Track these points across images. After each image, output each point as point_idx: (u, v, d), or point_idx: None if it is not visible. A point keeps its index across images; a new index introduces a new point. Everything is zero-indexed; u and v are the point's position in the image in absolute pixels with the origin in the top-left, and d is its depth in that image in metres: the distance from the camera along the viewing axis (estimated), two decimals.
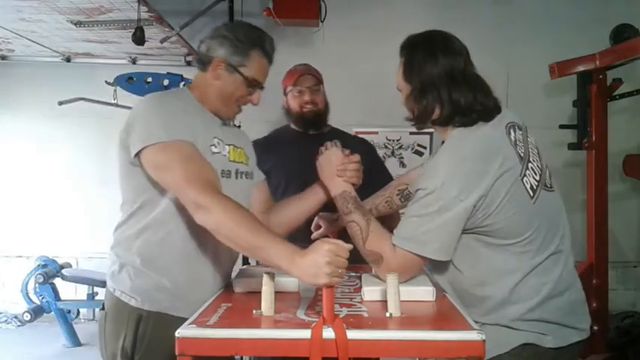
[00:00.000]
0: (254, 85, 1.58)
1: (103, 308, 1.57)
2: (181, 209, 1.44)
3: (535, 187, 1.48)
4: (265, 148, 2.31)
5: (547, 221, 1.49)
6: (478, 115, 1.49)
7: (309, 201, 1.74)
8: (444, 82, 1.49)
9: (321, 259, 1.19)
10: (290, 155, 2.23)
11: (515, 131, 1.53)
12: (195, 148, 1.45)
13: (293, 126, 2.37)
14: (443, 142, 1.57)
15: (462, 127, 1.49)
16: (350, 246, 1.24)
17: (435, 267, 1.54)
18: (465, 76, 1.52)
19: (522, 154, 1.49)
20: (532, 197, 1.46)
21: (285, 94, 2.34)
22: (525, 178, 1.46)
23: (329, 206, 1.73)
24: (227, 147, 1.59)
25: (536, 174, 1.50)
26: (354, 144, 2.31)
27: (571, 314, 1.50)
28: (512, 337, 1.44)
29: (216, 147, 1.54)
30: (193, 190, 1.36)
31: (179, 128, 1.44)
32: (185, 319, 1.42)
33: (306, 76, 2.28)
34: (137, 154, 1.44)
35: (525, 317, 1.45)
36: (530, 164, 1.49)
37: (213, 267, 1.55)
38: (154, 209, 1.49)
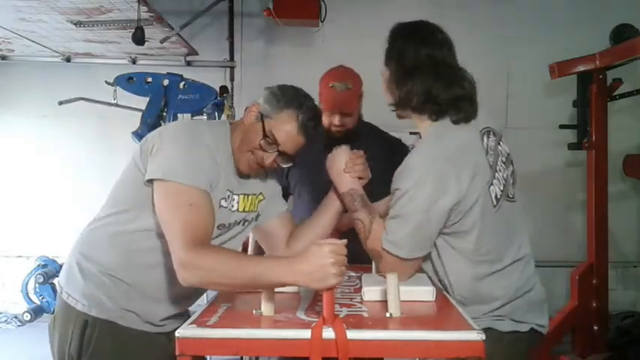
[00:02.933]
0: (269, 141, 1.48)
1: (53, 312, 1.55)
2: (162, 236, 1.42)
3: (499, 196, 1.50)
4: None
5: (506, 231, 1.52)
6: (452, 110, 1.49)
7: (327, 214, 1.69)
8: (422, 72, 1.49)
9: (325, 261, 1.18)
10: (315, 155, 2.18)
11: (488, 137, 1.54)
12: (205, 198, 1.41)
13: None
14: (420, 137, 1.59)
15: (438, 123, 1.50)
16: (344, 241, 1.24)
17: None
18: (445, 68, 1.52)
19: (491, 163, 1.50)
20: (495, 206, 1.48)
21: (320, 96, 2.26)
22: (492, 187, 1.48)
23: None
24: (236, 197, 1.54)
25: (500, 184, 1.51)
26: (385, 142, 2.32)
27: (529, 312, 1.54)
28: None
29: (225, 200, 1.51)
30: (179, 247, 1.31)
31: (202, 174, 1.41)
32: (133, 330, 1.44)
33: (338, 107, 2.20)
34: (153, 180, 1.42)
35: (482, 317, 1.48)
36: (496, 174, 1.51)
37: (172, 295, 1.52)
38: (140, 222, 1.47)
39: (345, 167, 1.61)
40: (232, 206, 1.53)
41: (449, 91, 1.49)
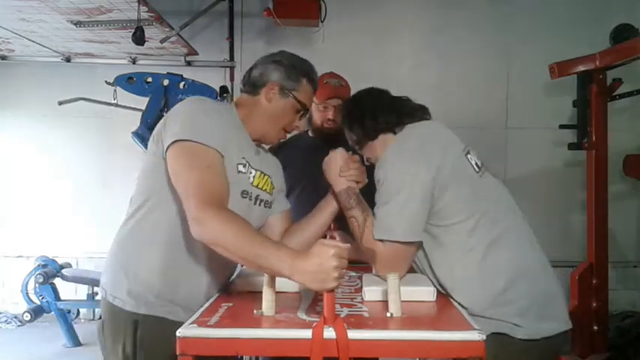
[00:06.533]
0: (303, 109, 1.62)
1: (100, 318, 1.55)
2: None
3: (480, 165, 1.60)
4: (278, 152, 2.35)
5: (497, 197, 1.59)
6: (412, 115, 1.67)
7: (323, 214, 1.71)
8: (373, 104, 1.69)
9: (328, 264, 1.18)
10: (301, 162, 2.23)
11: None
12: (220, 160, 1.43)
13: (311, 134, 2.39)
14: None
15: (400, 133, 1.63)
16: (348, 245, 1.24)
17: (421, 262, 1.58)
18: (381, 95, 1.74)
19: (464, 147, 1.62)
20: (478, 172, 1.57)
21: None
22: (470, 155, 1.60)
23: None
24: (253, 171, 1.56)
25: (478, 160, 1.62)
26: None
27: (548, 297, 1.52)
28: (483, 325, 1.43)
29: (243, 167, 1.52)
30: (194, 203, 1.32)
31: (214, 136, 1.43)
32: (183, 324, 1.42)
33: (335, 99, 2.29)
34: (168, 148, 1.42)
35: (497, 301, 1.46)
36: (469, 155, 1.60)
37: (209, 276, 1.52)
38: (166, 210, 1.47)
39: (341, 171, 1.64)
40: (249, 177, 1.55)
41: (397, 102, 1.70)
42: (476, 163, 1.58)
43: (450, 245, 1.51)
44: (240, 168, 1.51)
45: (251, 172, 1.55)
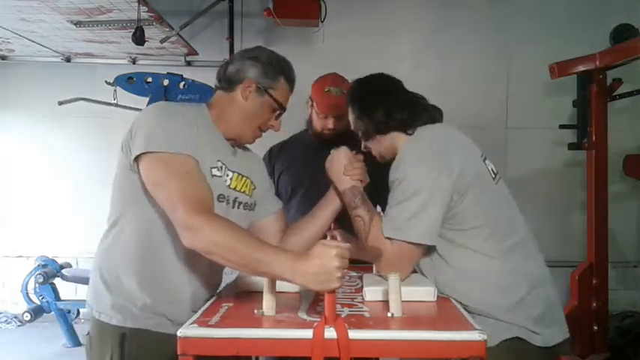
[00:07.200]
0: (280, 109, 1.58)
1: (88, 333, 1.51)
2: (167, 224, 1.39)
3: (496, 172, 1.60)
4: (280, 153, 2.34)
5: (512, 205, 1.60)
6: (424, 115, 1.64)
7: (325, 212, 1.70)
8: (388, 98, 1.66)
9: (330, 265, 1.17)
10: (302, 160, 2.25)
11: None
12: (195, 165, 1.39)
13: (310, 132, 2.36)
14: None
15: (415, 133, 1.60)
16: (348, 245, 1.23)
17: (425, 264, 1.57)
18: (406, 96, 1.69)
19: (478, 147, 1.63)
20: (494, 179, 1.57)
21: (312, 103, 2.30)
22: (487, 161, 1.60)
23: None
24: (230, 173, 1.52)
25: (493, 166, 1.62)
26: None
27: (555, 306, 1.54)
28: (502, 329, 1.44)
29: (218, 170, 1.48)
30: (183, 211, 1.28)
31: (184, 141, 1.39)
32: (170, 335, 1.37)
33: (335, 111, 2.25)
34: (136, 159, 1.39)
35: (518, 307, 1.46)
36: (487, 158, 1.62)
37: (193, 286, 1.49)
38: (141, 221, 1.44)
39: (345, 170, 1.63)
40: (226, 180, 1.51)
41: (413, 101, 1.66)
42: (492, 170, 1.59)
43: (466, 250, 1.49)
44: (215, 172, 1.47)
45: (227, 175, 1.51)
